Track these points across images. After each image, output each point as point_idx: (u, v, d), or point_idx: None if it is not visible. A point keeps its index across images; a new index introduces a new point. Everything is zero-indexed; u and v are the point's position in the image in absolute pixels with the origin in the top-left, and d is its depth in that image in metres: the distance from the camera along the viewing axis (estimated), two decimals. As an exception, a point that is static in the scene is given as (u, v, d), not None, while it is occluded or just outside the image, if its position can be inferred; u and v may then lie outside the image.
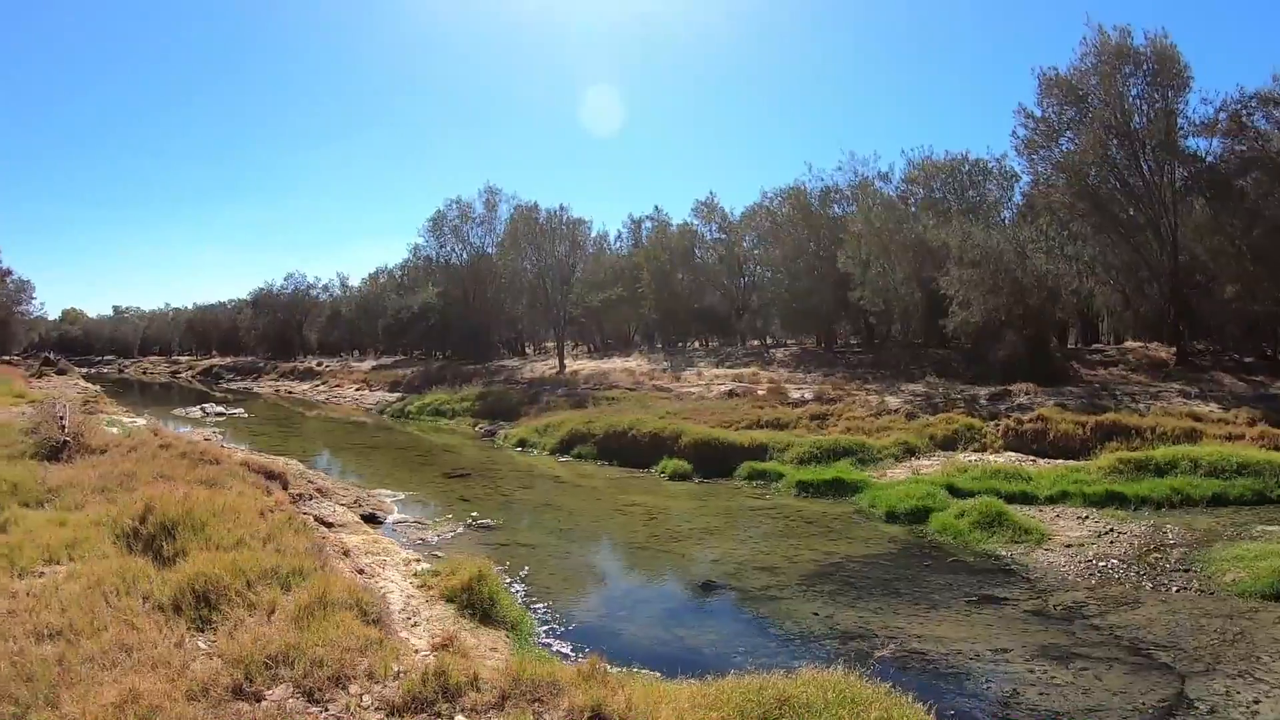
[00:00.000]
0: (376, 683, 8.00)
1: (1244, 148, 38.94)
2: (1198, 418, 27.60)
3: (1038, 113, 41.42)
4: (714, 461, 29.34)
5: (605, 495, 26.65)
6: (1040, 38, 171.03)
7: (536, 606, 15.22)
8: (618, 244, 79.81)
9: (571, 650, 12.78)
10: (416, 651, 9.60)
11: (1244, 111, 38.54)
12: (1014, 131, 42.59)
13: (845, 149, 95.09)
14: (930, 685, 11.73)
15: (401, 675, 8.13)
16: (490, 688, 8.07)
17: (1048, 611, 14.75)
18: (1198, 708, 10.97)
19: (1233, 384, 32.98)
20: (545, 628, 14.06)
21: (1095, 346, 48.69)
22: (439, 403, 51.30)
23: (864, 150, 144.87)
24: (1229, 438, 25.59)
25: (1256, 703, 11.00)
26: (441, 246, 74.84)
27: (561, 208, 61.22)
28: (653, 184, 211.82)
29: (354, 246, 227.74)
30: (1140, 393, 31.99)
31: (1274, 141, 38.15)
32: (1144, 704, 11.14)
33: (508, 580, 16.40)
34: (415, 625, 12.16)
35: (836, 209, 55.78)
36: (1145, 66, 38.31)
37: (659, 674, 10.80)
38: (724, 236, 68.35)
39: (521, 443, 37.06)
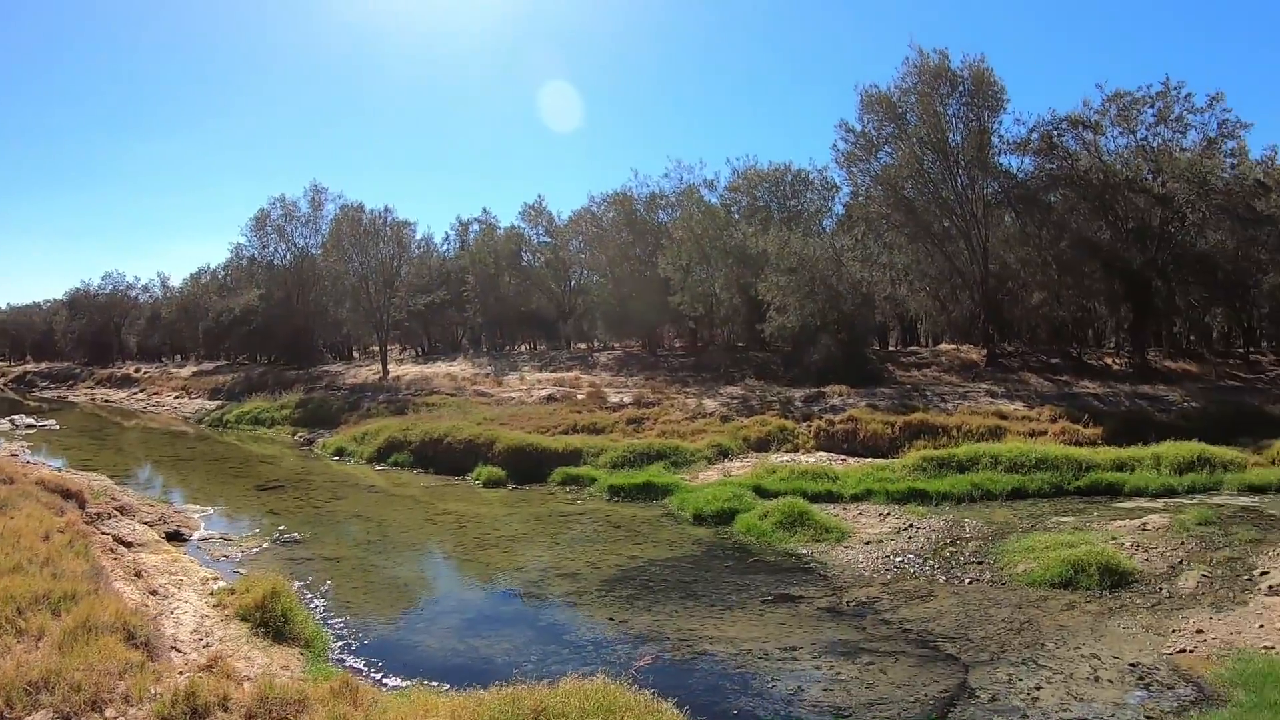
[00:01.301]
0: (132, 705, 8.07)
1: (1054, 166, 41.78)
2: (1003, 416, 28.64)
3: (858, 127, 42.94)
4: (529, 467, 28.91)
5: (418, 504, 25.89)
6: (870, 57, 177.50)
7: (335, 622, 14.59)
8: (445, 246, 78.24)
9: (364, 665, 12.54)
10: (181, 673, 9.52)
11: (1055, 132, 41.50)
12: (835, 145, 44.09)
13: (673, 157, 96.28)
14: (717, 686, 11.56)
15: (157, 698, 8.21)
16: (239, 707, 8.24)
17: (841, 608, 14.75)
18: (979, 697, 10.99)
19: (1039, 384, 34.57)
20: (341, 644, 13.55)
21: (911, 349, 50.67)
22: (258, 411, 49.17)
23: (691, 158, 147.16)
24: (1032, 434, 26.61)
25: (1038, 689, 11.08)
26: (264, 246, 71.30)
27: (386, 209, 59.51)
28: (479, 187, 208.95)
29: (178, 244, 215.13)
30: (950, 393, 33.03)
31: (1082, 161, 40.93)
32: (926, 695, 11.12)
33: (308, 596, 15.83)
34: (207, 645, 12.00)
35: (662, 215, 56.25)
36: (962, 88, 40.23)
37: (449, 685, 10.68)
38: (551, 240, 68.29)
39: (339, 451, 35.72)
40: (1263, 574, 15.20)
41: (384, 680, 11.78)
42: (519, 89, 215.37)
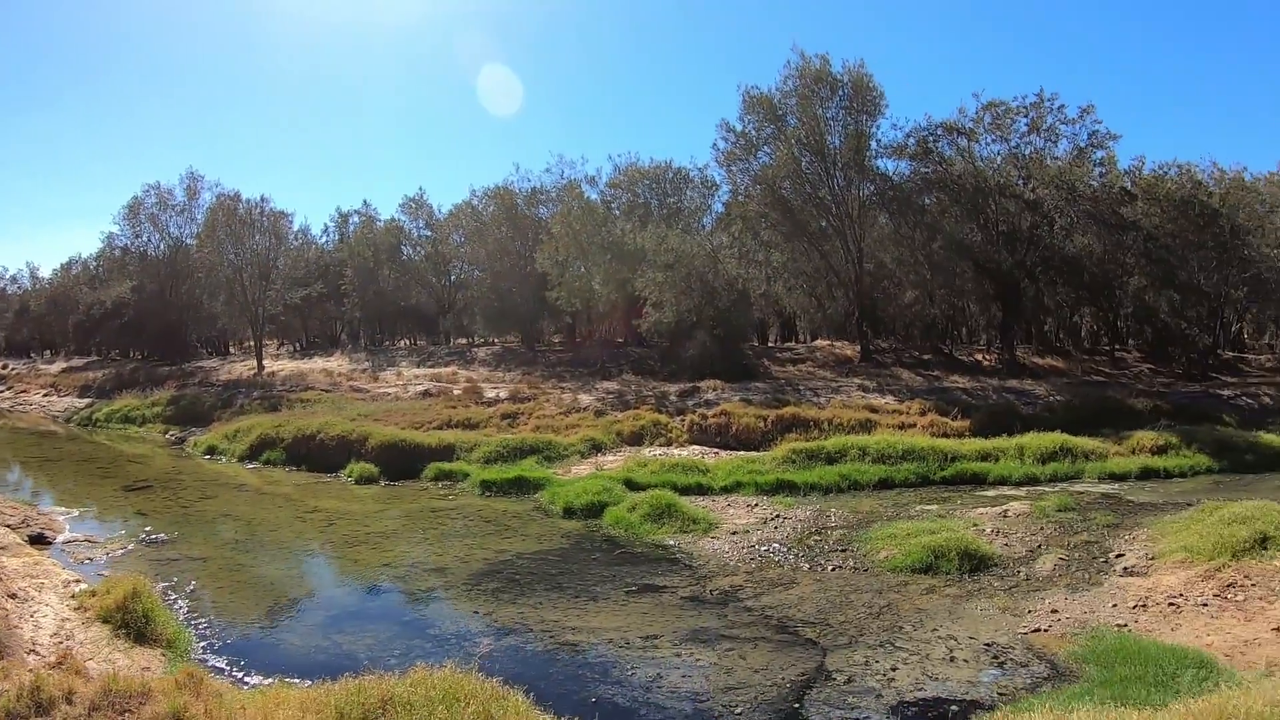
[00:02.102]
0: (-22, 702, 8.04)
1: (929, 170, 42.94)
2: (874, 409, 29.11)
3: (739, 127, 43.36)
4: (402, 463, 28.37)
5: (289, 502, 25.03)
6: (753, 58, 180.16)
7: (199, 622, 14.06)
8: (324, 238, 76.07)
9: (226, 665, 12.27)
10: (31, 671, 9.42)
11: (931, 138, 42.68)
12: (715, 144, 44.43)
13: (555, 152, 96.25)
14: (577, 675, 11.49)
15: (2, 694, 8.29)
16: (83, 701, 8.31)
17: (704, 597, 14.66)
18: (835, 679, 11.00)
19: (910, 379, 35.32)
20: (205, 644, 13.14)
21: (788, 345, 51.28)
22: (129, 409, 46.84)
23: (573, 154, 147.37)
24: (902, 427, 27.11)
25: (894, 670, 11.15)
26: (138, 236, 67.94)
27: (263, 198, 57.10)
28: (363, 179, 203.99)
29: (47, 231, 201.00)
30: (824, 387, 33.45)
31: (956, 166, 42.26)
32: (783, 679, 11.09)
33: (172, 597, 15.30)
34: (67, 648, 11.75)
35: (543, 210, 55.80)
36: (842, 92, 41.11)
37: (309, 682, 10.33)
38: (431, 234, 67.05)
39: (211, 450, 34.32)
40: (1118, 556, 15.62)
41: (245, 679, 11.52)
42: (450, 74, 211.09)
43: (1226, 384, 41.45)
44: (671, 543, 18.28)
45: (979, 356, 44.34)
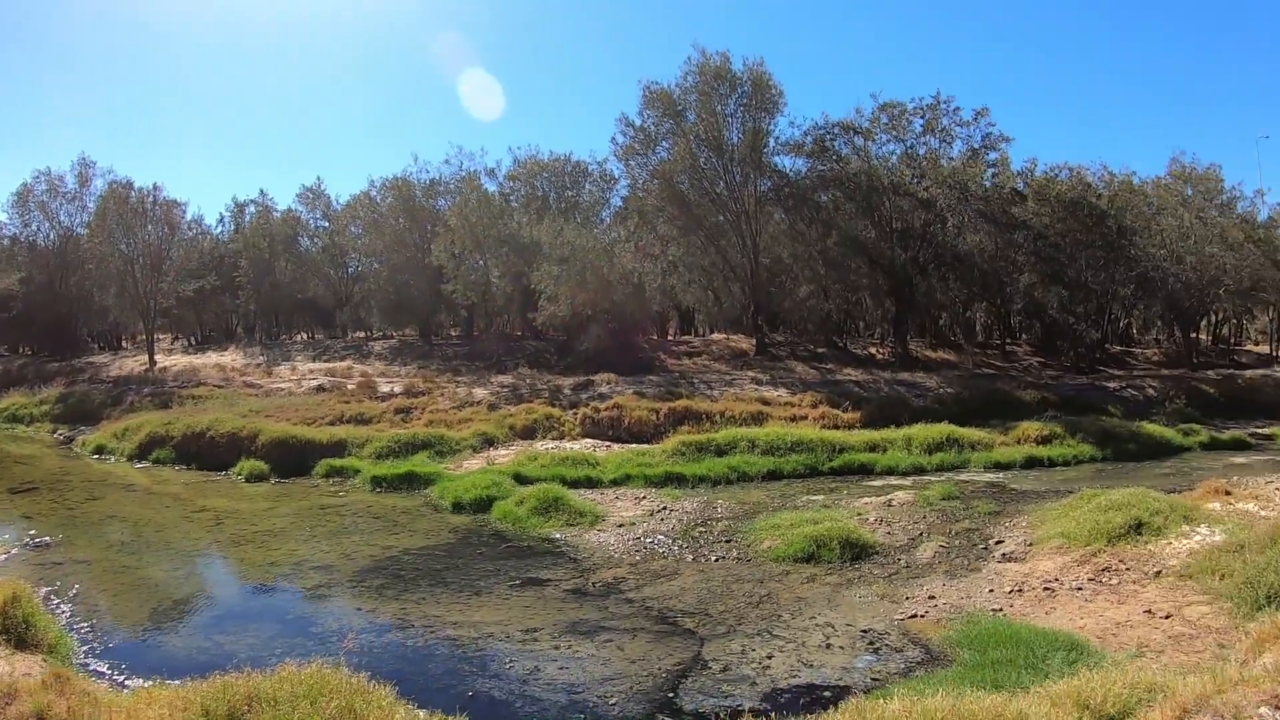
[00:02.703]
0: None
1: (825, 168, 43.65)
2: (766, 402, 29.35)
3: (638, 122, 43.43)
4: (292, 460, 27.68)
5: (177, 502, 24.15)
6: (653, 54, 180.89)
7: (80, 626, 13.57)
8: (219, 228, 73.64)
9: (108, 668, 11.93)
10: None
11: (828, 136, 43.54)
12: (614, 138, 44.59)
13: (454, 143, 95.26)
14: (456, 670, 11.34)
15: None
16: None
17: (587, 589, 14.53)
18: (711, 668, 10.96)
19: (804, 371, 35.77)
20: (86, 648, 12.69)
21: (685, 338, 51.40)
22: (16, 407, 44.64)
23: (473, 146, 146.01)
24: (794, 419, 27.39)
25: (769, 658, 11.11)
26: (26, 225, 64.97)
27: (155, 186, 54.78)
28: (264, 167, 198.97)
29: None
30: (718, 380, 33.61)
31: (852, 164, 43.05)
32: (659, 669, 11.02)
33: (55, 601, 14.75)
34: None
35: (442, 202, 55.01)
36: (741, 89, 41.44)
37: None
38: (329, 225, 65.39)
39: (100, 449, 32.90)
40: (998, 543, 15.85)
41: (126, 681, 11.09)
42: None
43: (1113, 376, 42.85)
44: (558, 536, 18.12)
45: (873, 350, 45.19)
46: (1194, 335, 57.64)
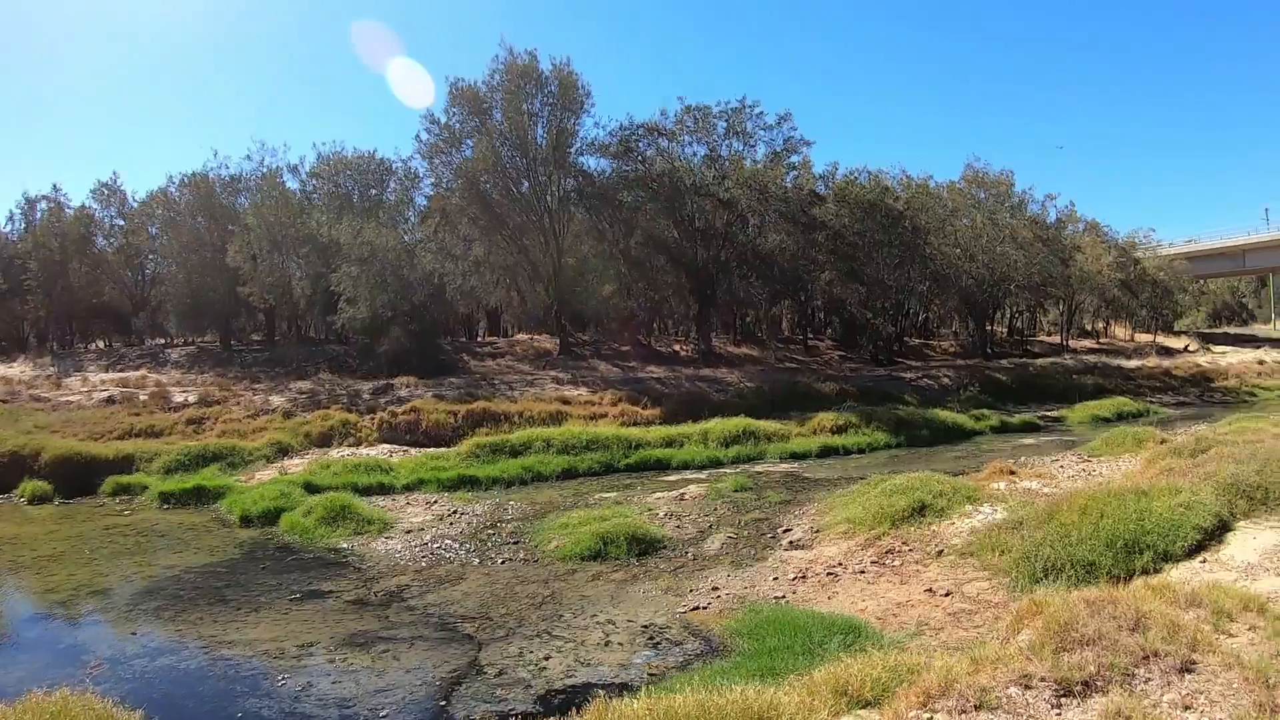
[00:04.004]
0: None
1: (630, 168, 44.24)
2: (566, 401, 29.22)
3: (443, 119, 42.80)
4: (79, 479, 25.74)
5: None
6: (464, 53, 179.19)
7: None
8: (9, 227, 68.30)
9: None
10: None
11: (633, 137, 44.13)
12: (418, 135, 43.69)
13: (257, 138, 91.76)
14: (228, 690, 10.68)
15: None
16: None
17: (369, 599, 13.87)
18: (487, 673, 10.56)
19: (607, 370, 35.86)
20: None
21: (490, 339, 50.88)
22: None
23: (275, 140, 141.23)
24: (593, 417, 27.34)
25: (547, 659, 10.78)
26: None
27: None
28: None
29: None
30: (520, 381, 33.32)
31: (656, 165, 43.75)
32: (434, 677, 10.60)
33: None
34: None
35: (243, 200, 52.55)
36: (548, 89, 41.50)
37: None
38: (125, 224, 61.14)
39: None
40: (786, 531, 15.99)
41: None
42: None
43: (911, 368, 44.77)
44: (345, 546, 17.38)
45: (677, 347, 45.87)
46: (989, 327, 61.14)
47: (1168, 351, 66.76)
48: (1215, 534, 12.09)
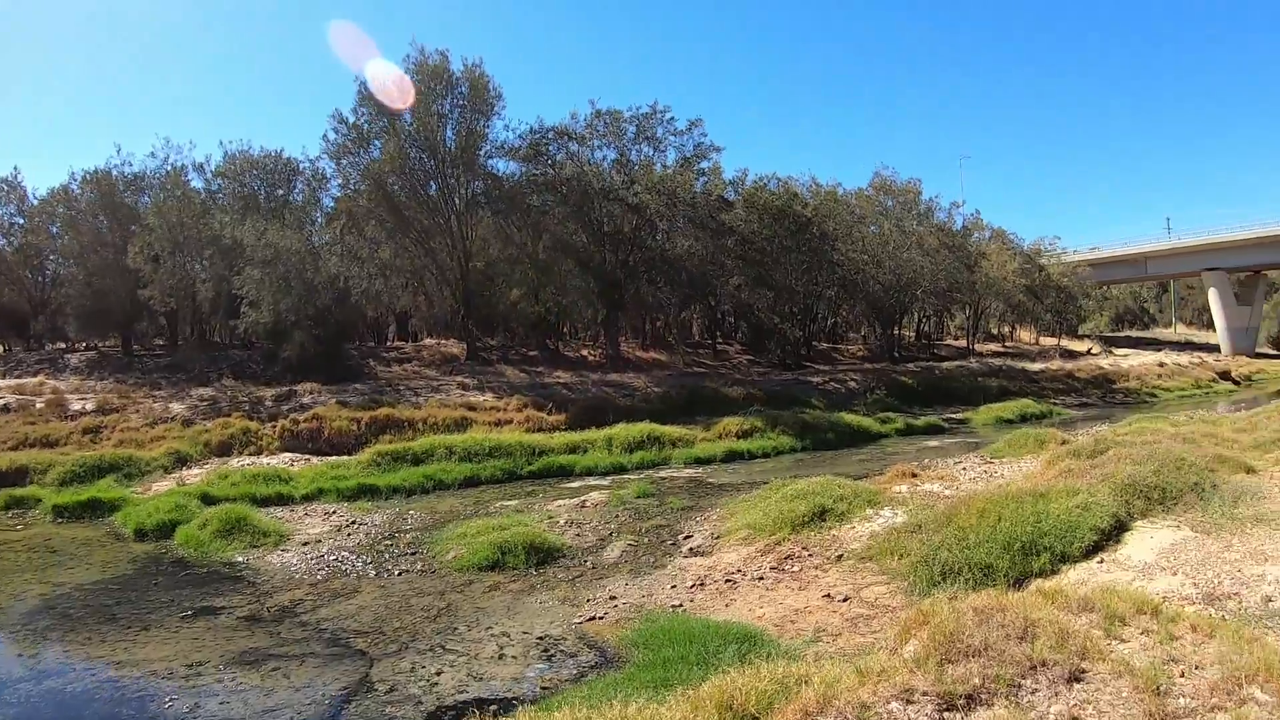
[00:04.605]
0: None
1: (539, 172, 43.87)
2: (472, 407, 28.94)
3: (352, 119, 41.94)
4: None
5: None
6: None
7: None
8: None
9: None
10: None
11: (543, 141, 43.96)
12: (326, 135, 42.68)
13: (160, 134, 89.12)
14: (114, 714, 10.29)
15: None
16: None
17: (261, 615, 13.48)
18: (378, 689, 10.32)
19: (514, 375, 35.64)
20: None
21: (398, 344, 50.25)
22: None
23: (180, 137, 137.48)
24: (498, 423, 27.11)
25: (439, 674, 10.59)
26: None
27: None
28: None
29: None
30: (425, 387, 32.87)
31: (565, 169, 43.53)
32: (324, 695, 10.32)
33: None
34: None
35: (147, 198, 50.88)
36: (459, 90, 41.09)
37: None
38: (24, 222, 58.75)
39: None
40: (686, 538, 15.97)
41: None
42: None
43: (819, 371, 45.25)
44: (240, 559, 16.89)
45: (585, 352, 45.84)
46: (897, 332, 62.38)
47: (1071, 354, 68.77)
48: (1113, 534, 12.38)
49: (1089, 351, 72.99)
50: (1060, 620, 7.22)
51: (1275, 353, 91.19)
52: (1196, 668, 6.49)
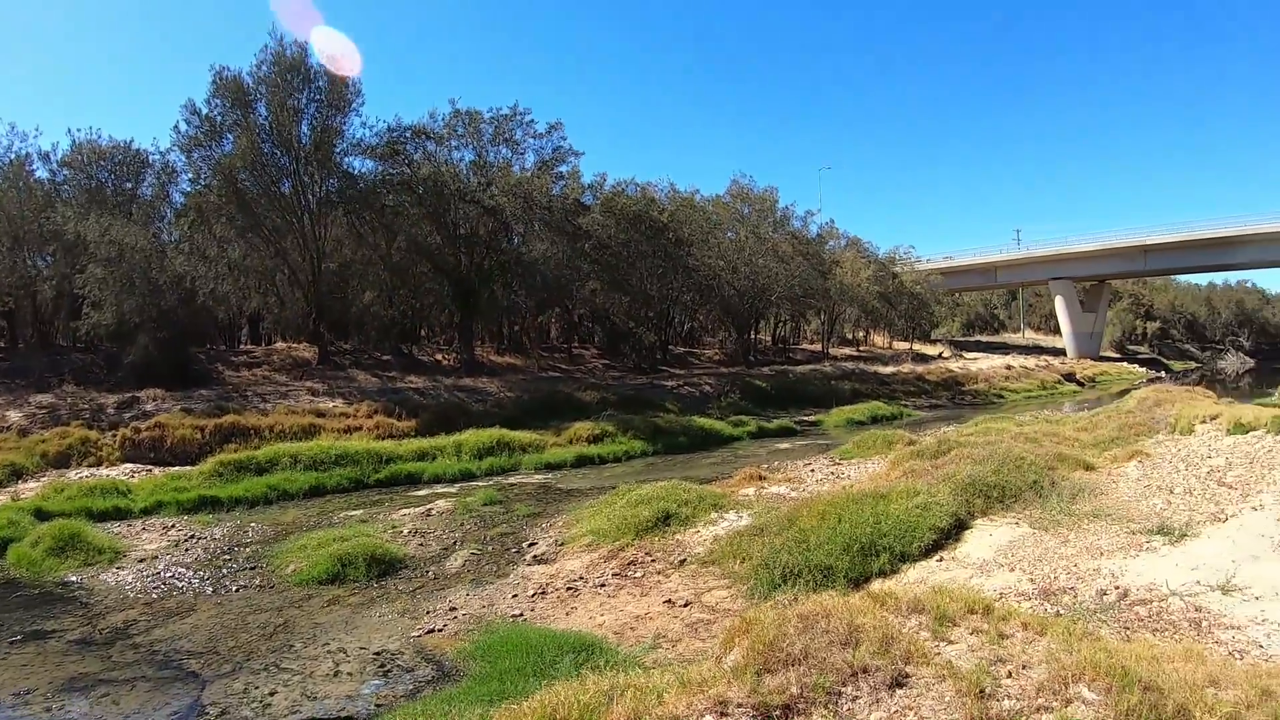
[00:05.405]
0: None
1: (395, 171, 43.04)
2: (321, 414, 28.29)
3: (204, 110, 40.12)
4: None
5: None
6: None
7: None
8: None
9: None
10: None
11: (400, 140, 43.13)
12: (177, 126, 40.60)
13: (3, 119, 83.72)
14: None
15: None
16: None
17: (93, 637, 12.89)
18: (209, 713, 10.01)
19: (366, 380, 34.95)
20: None
21: (249, 348, 48.74)
22: None
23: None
24: (348, 430, 26.59)
25: (272, 694, 10.34)
26: None
27: None
28: None
29: None
30: (274, 393, 31.94)
31: (422, 169, 42.76)
32: None
33: None
34: None
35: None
36: (316, 84, 39.96)
37: None
38: None
39: None
40: (531, 545, 16.00)
41: None
42: None
43: (674, 375, 45.73)
44: (74, 579, 16.07)
45: (439, 357, 45.35)
46: (753, 336, 63.53)
47: (923, 358, 71.21)
48: (953, 533, 12.82)
49: (940, 355, 75.74)
50: (886, 624, 7.17)
51: (1118, 356, 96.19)
52: (1024, 668, 6.48)
